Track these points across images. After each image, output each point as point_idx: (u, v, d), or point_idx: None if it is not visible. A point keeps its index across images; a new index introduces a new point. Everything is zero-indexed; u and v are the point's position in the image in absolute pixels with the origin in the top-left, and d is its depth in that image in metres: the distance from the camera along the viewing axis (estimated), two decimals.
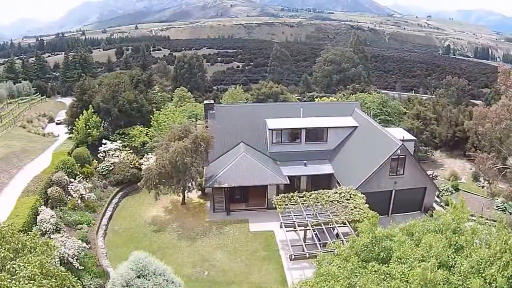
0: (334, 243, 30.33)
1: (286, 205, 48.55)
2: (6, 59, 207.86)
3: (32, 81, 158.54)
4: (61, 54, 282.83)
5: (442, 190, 60.01)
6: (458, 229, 26.45)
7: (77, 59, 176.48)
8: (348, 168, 56.82)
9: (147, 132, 67.28)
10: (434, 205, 57.36)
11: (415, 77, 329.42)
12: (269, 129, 60.41)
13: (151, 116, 69.21)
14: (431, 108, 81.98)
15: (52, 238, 39.63)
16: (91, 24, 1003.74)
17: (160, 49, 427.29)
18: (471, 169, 68.37)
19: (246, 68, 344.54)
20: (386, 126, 67.91)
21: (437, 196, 58.91)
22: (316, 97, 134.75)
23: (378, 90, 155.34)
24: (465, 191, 60.89)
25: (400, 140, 52.97)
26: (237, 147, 59.83)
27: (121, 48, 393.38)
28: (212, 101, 67.68)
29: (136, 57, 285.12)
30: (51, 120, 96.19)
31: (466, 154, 72.99)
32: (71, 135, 69.38)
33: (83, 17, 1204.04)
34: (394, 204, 54.53)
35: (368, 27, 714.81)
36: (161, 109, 71.16)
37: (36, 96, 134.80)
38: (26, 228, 39.14)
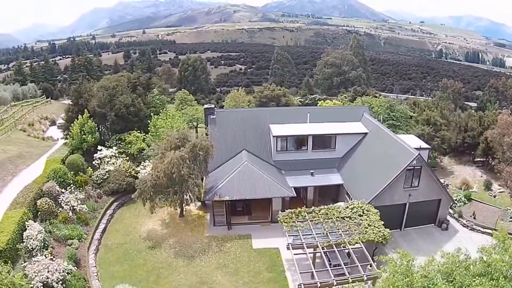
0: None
1: (293, 222, 41.69)
2: (14, 63, 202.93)
3: (39, 83, 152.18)
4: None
5: (455, 200, 53.10)
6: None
7: (82, 62, 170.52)
8: (359, 178, 49.85)
9: (144, 138, 60.05)
10: (448, 217, 50.53)
11: (411, 80, 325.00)
12: (273, 136, 53.28)
13: (149, 121, 61.97)
14: (439, 112, 75.21)
15: (34, 262, 34.23)
16: (101, 29, 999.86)
17: (166, 52, 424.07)
18: (481, 176, 61.72)
19: (249, 70, 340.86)
20: (394, 131, 61.47)
21: (450, 207, 51.85)
22: (318, 100, 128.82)
23: (379, 92, 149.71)
24: (477, 201, 53.91)
25: (416, 149, 46.30)
26: (239, 155, 52.86)
27: (128, 51, 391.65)
28: (212, 106, 60.06)
29: (142, 60, 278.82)
30: (53, 122, 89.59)
31: (475, 160, 67.14)
32: (66, 141, 62.29)
33: (93, 22, 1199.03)
34: (407, 217, 47.71)
35: (364, 32, 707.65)
36: (160, 113, 63.93)
37: (42, 98, 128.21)
38: (11, 246, 34.61)
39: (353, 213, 42.43)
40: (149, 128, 60.65)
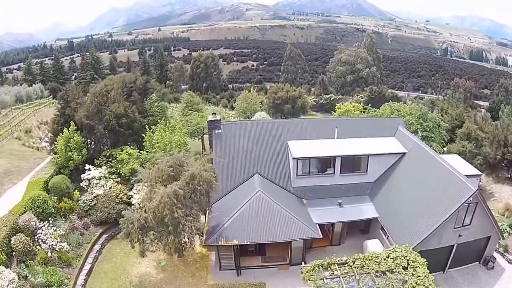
0: None
1: (320, 279, 30.45)
2: (24, 62, 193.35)
3: (47, 83, 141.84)
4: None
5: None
6: None
7: (89, 60, 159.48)
8: (398, 212, 38.17)
9: (138, 156, 48.25)
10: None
11: (420, 77, 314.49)
12: (293, 158, 41.28)
13: (144, 134, 50.17)
14: (473, 122, 63.87)
15: None
16: (118, 27, 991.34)
17: (180, 49, 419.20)
18: None
19: (261, 67, 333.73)
20: (428, 145, 50.33)
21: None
22: (333, 100, 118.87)
23: (394, 92, 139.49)
24: None
25: (467, 176, 35.36)
26: (251, 180, 41.15)
27: (143, 48, 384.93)
28: (217, 117, 46.10)
29: (155, 57, 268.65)
30: None
31: None
32: (52, 157, 50.53)
33: (111, 21, 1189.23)
34: (453, 258, 36.81)
35: (372, 30, 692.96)
36: (159, 123, 52.15)
37: (48, 99, 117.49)
38: None
39: (395, 264, 31.23)
40: (144, 144, 49.30)
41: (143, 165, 44.61)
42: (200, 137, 64.28)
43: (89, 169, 46.55)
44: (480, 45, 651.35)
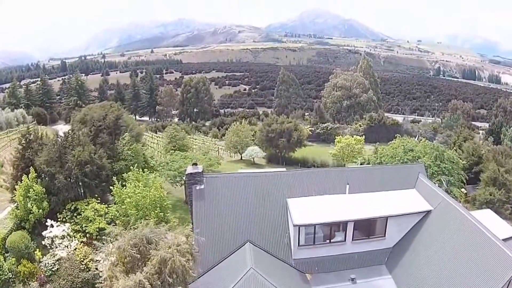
0: None
1: None
2: (9, 84, 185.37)
3: (31, 107, 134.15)
4: (82, 75, 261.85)
5: None
6: None
7: (73, 85, 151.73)
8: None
9: (107, 212, 39.72)
10: None
11: (415, 99, 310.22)
12: (294, 225, 32.31)
13: (113, 184, 40.81)
14: (491, 157, 56.16)
15: None
16: (111, 48, 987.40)
17: (172, 72, 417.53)
18: None
19: (253, 91, 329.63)
20: (447, 191, 42.83)
21: None
22: (330, 129, 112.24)
23: (395, 119, 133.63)
24: None
25: (504, 240, 29.07)
26: (241, 251, 32.16)
27: (135, 71, 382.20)
28: (199, 169, 35.70)
29: (146, 80, 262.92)
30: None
31: None
32: (12, 209, 41.60)
33: (105, 41, 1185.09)
34: None
35: (365, 51, 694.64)
36: (132, 169, 43.61)
37: (32, 125, 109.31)
38: None
39: None
40: (113, 196, 40.85)
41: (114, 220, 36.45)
42: (183, 183, 55.22)
43: (52, 225, 38.44)
44: (472, 64, 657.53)
